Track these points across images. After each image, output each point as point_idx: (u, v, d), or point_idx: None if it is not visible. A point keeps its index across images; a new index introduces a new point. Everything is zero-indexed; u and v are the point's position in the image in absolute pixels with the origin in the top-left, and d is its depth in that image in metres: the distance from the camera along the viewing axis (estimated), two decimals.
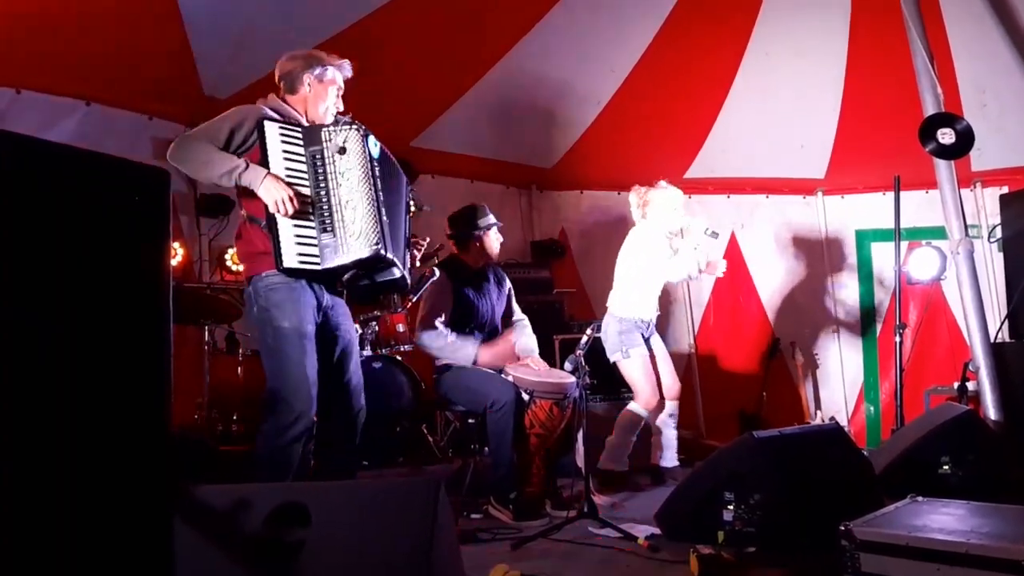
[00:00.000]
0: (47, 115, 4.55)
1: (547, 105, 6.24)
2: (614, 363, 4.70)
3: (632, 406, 4.64)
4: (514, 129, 6.38)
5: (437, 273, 4.25)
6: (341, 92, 3.22)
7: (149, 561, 1.40)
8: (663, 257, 4.68)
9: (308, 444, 2.94)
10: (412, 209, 3.42)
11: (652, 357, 4.72)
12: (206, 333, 4.71)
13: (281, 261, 2.85)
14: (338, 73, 3.20)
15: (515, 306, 4.59)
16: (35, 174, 1.23)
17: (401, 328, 4.99)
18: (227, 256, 5.21)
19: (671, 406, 4.76)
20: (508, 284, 4.59)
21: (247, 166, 2.87)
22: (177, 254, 4.92)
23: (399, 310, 4.96)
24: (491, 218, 4.39)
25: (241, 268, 5.12)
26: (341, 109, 3.21)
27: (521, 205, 7.03)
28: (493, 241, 4.40)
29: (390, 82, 5.36)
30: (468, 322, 4.24)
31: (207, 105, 5.09)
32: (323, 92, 3.15)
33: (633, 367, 4.62)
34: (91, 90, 4.69)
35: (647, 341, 4.72)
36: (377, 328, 4.95)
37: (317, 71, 3.14)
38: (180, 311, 4.50)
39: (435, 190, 6.33)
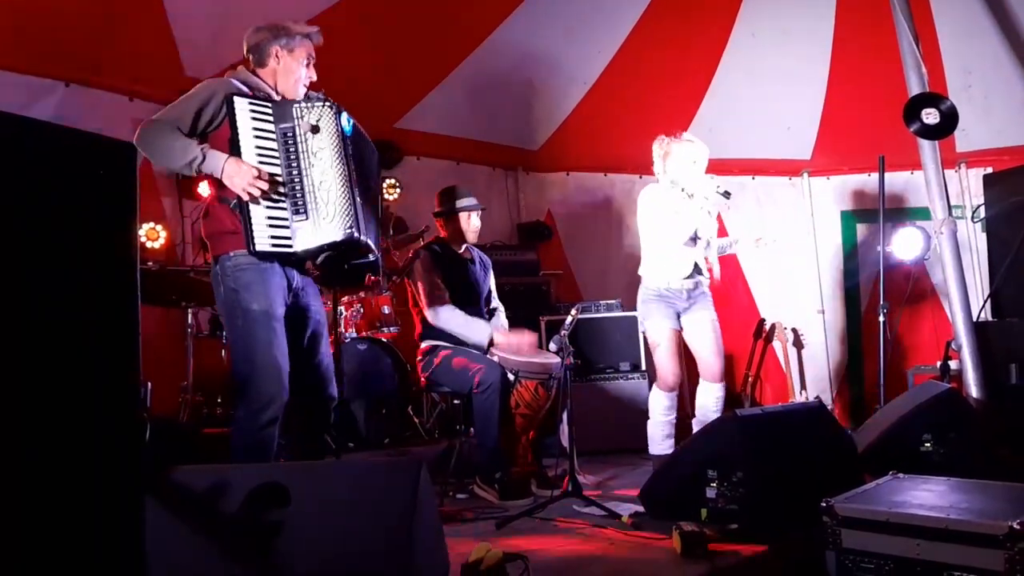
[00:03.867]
0: (25, 95, 4.48)
1: (532, 87, 6.22)
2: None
3: (653, 388, 4.25)
4: (500, 110, 6.35)
5: (421, 255, 4.24)
6: (312, 61, 3.08)
7: (119, 543, 1.38)
8: (671, 215, 4.12)
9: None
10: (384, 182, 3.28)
11: (696, 330, 4.21)
12: (189, 316, 4.68)
13: (253, 244, 2.76)
14: (307, 41, 3.06)
15: (494, 293, 4.59)
16: None
17: (387, 310, 4.97)
18: None
19: (711, 390, 4.21)
20: (491, 271, 4.59)
21: (204, 156, 2.76)
22: (160, 237, 4.87)
23: (384, 292, 4.94)
24: (469, 201, 4.37)
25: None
26: (314, 79, 3.09)
27: (507, 187, 7.01)
28: (470, 223, 4.37)
29: (374, 62, 5.33)
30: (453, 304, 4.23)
31: (188, 85, 4.98)
32: (292, 63, 3.03)
33: (652, 341, 4.20)
34: (70, 71, 4.63)
35: (686, 311, 4.20)
36: (362, 310, 4.93)
37: (284, 41, 3.01)
38: (163, 294, 4.48)
39: (420, 172, 6.31)
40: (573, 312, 3.78)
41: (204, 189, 4.45)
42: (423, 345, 4.26)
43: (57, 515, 1.31)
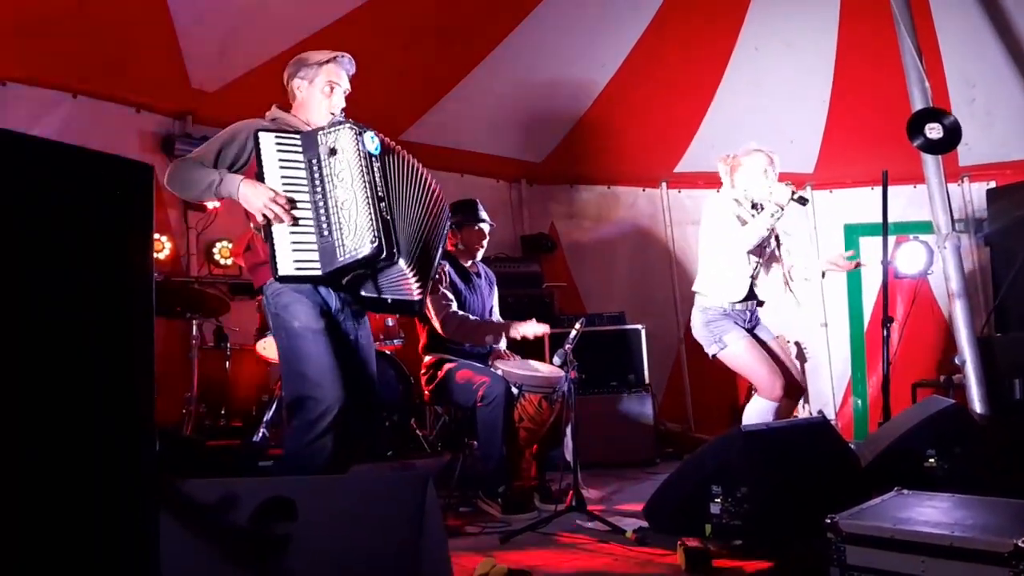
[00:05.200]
0: (34, 108, 4.52)
1: (537, 99, 6.24)
2: (713, 357, 4.01)
3: (755, 400, 3.96)
4: (504, 123, 6.37)
5: None
6: (341, 90, 3.10)
7: (134, 556, 1.39)
8: (736, 226, 3.91)
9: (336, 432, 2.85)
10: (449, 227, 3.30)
11: (768, 347, 4.01)
12: (194, 327, 4.69)
13: (276, 270, 2.75)
14: (327, 67, 3.08)
15: (496, 309, 4.60)
16: (14, 169, 1.23)
17: (390, 322, 4.98)
18: (215, 250, 5.20)
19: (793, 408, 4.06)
20: (495, 287, 4.61)
21: (221, 179, 2.80)
22: (164, 248, 4.89)
23: None
24: (482, 215, 4.39)
25: (230, 262, 5.14)
26: (343, 106, 3.09)
27: (511, 199, 7.03)
28: (484, 238, 4.39)
29: (379, 75, 5.33)
30: None
31: (195, 98, 5.07)
32: (313, 93, 3.07)
33: (736, 355, 3.92)
34: (78, 83, 4.65)
35: (750, 332, 4.02)
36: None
37: (302, 72, 3.07)
38: (168, 305, 4.49)
39: None
40: (577, 326, 3.78)
41: None
42: (427, 358, 4.27)
43: (77, 528, 1.32)
